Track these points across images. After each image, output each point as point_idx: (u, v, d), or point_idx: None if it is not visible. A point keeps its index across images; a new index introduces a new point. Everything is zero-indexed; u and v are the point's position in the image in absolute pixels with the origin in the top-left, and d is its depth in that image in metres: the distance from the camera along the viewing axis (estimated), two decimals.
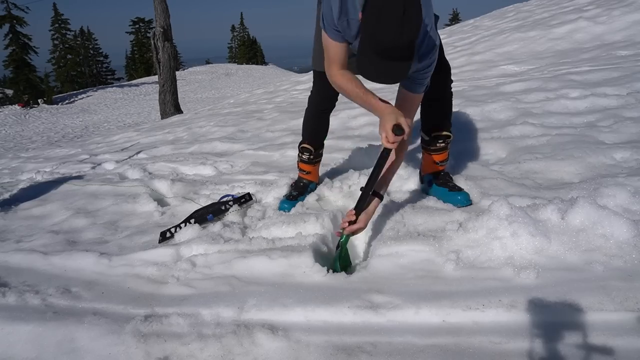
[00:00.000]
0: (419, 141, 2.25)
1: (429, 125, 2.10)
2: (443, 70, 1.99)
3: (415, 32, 1.34)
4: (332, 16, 1.59)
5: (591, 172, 2.15)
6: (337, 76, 1.75)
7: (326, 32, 1.67)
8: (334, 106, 2.27)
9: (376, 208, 1.77)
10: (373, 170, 1.68)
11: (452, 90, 2.11)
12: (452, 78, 2.10)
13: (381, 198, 1.76)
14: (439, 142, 2.09)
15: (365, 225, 1.72)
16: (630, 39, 5.91)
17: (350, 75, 1.75)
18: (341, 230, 1.69)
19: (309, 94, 2.30)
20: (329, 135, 2.41)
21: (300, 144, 2.38)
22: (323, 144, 2.41)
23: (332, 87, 1.90)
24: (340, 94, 1.99)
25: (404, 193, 2.23)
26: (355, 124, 4.18)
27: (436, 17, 1.72)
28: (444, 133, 2.08)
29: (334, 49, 1.70)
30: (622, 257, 1.41)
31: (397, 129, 1.56)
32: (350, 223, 1.67)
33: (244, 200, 2.38)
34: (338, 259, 1.70)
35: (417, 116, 2.04)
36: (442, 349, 1.20)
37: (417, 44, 1.48)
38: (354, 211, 1.68)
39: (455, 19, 50.17)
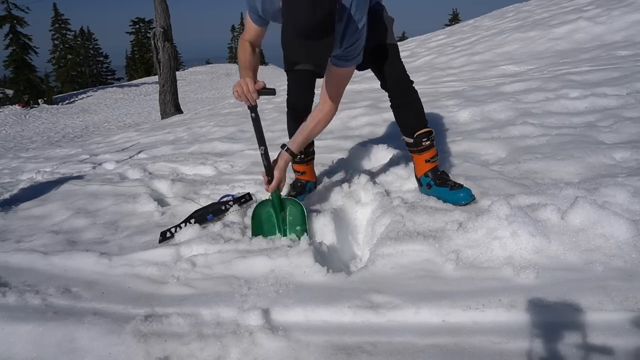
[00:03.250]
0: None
1: (408, 128, 2.16)
2: (400, 75, 2.11)
3: (327, 9, 1.43)
4: (255, 6, 1.78)
5: (591, 172, 2.15)
6: (243, 45, 1.97)
7: (249, 16, 1.87)
8: (312, 102, 2.29)
9: (287, 162, 2.04)
10: (255, 130, 2.03)
11: (448, 89, 2.15)
12: (452, 78, 2.12)
13: (292, 155, 2.04)
14: (424, 141, 2.13)
15: (282, 178, 2.00)
16: (630, 39, 5.91)
17: (248, 48, 1.96)
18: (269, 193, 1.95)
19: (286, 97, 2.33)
20: (329, 135, 2.41)
21: None
22: (312, 142, 2.42)
23: (305, 85, 2.23)
24: (317, 93, 2.19)
25: (403, 193, 2.23)
26: (355, 124, 4.18)
27: (390, 19, 2.01)
28: (425, 130, 2.12)
29: (251, 29, 1.93)
30: (622, 257, 1.41)
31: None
32: (269, 183, 1.97)
33: (244, 200, 2.38)
34: (277, 223, 1.98)
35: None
36: (442, 349, 1.20)
37: (341, 27, 1.66)
38: (264, 173, 2.00)
39: (455, 19, 50.17)
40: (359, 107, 4.72)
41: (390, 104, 2.23)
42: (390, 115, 4.05)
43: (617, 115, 2.94)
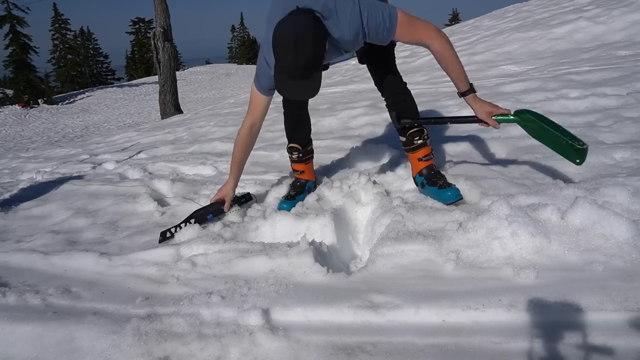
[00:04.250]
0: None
1: (401, 127, 2.20)
2: (393, 76, 2.19)
3: (308, 55, 1.60)
4: (266, 76, 1.89)
5: (591, 172, 2.15)
6: (243, 133, 2.10)
7: (259, 90, 1.98)
8: (307, 101, 2.32)
9: (479, 100, 1.98)
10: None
11: (448, 89, 2.18)
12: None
13: (471, 92, 1.96)
14: (416, 140, 2.16)
15: (491, 112, 1.97)
16: (630, 39, 5.91)
17: (248, 140, 2.13)
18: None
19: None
20: (329, 135, 2.41)
21: (287, 145, 2.41)
22: (310, 140, 2.44)
23: (298, 115, 2.31)
24: (321, 90, 2.28)
25: (403, 193, 2.23)
26: (355, 124, 4.19)
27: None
28: (416, 129, 2.15)
29: (259, 104, 2.03)
30: (622, 257, 1.41)
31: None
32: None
33: (244, 200, 2.38)
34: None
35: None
36: (442, 349, 1.20)
37: (359, 32, 1.76)
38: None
39: (455, 19, 50.17)
40: (359, 107, 4.72)
41: (384, 103, 2.26)
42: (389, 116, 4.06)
43: (617, 115, 2.94)
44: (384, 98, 2.27)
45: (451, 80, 1.96)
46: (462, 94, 1.95)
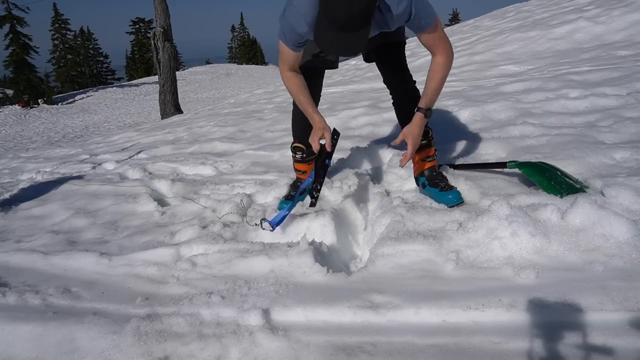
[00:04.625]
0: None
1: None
2: (400, 77, 2.17)
3: (363, 5, 1.48)
4: (295, 33, 1.78)
5: (591, 172, 2.15)
6: (288, 77, 1.99)
7: (287, 45, 1.87)
8: (319, 100, 2.30)
9: (422, 122, 1.91)
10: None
11: (448, 89, 2.16)
12: (452, 78, 2.13)
13: (427, 112, 1.90)
14: (421, 140, 2.11)
15: (415, 140, 1.89)
16: (630, 39, 5.91)
17: (298, 80, 2.00)
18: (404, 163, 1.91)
19: None
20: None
21: (292, 143, 2.40)
22: None
23: (314, 83, 2.15)
24: (322, 91, 2.25)
25: (404, 193, 2.23)
26: (355, 124, 4.18)
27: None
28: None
29: (291, 57, 1.93)
30: (622, 257, 1.41)
31: (323, 139, 1.96)
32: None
33: (336, 137, 2.08)
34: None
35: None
36: (442, 349, 1.20)
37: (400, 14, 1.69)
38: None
39: (455, 19, 50.17)
40: (359, 107, 4.72)
41: (392, 101, 2.24)
42: (390, 115, 4.06)
43: (617, 115, 2.94)
44: (391, 96, 2.24)
45: (424, 90, 1.94)
46: (418, 109, 1.92)
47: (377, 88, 6.26)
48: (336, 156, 3.07)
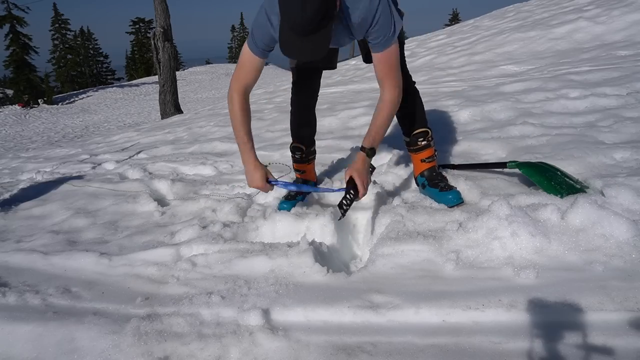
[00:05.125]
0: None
1: (406, 127, 2.19)
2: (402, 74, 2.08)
3: (316, 7, 1.45)
4: (266, 35, 1.73)
5: (591, 172, 2.15)
6: (236, 101, 1.88)
7: (249, 49, 1.80)
8: (316, 100, 2.30)
9: (366, 162, 1.82)
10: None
11: (448, 89, 2.15)
12: (452, 78, 2.12)
13: (369, 152, 1.82)
14: (420, 141, 2.14)
15: (366, 180, 1.80)
16: (630, 39, 5.91)
17: (244, 109, 1.90)
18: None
19: (290, 95, 2.32)
20: (328, 135, 2.41)
21: (291, 144, 2.40)
22: (314, 141, 2.43)
23: (310, 79, 2.16)
24: (320, 89, 2.21)
25: (403, 193, 2.23)
26: (355, 124, 4.18)
27: (401, 13, 1.85)
28: (421, 130, 2.14)
29: (251, 67, 1.84)
30: (622, 257, 1.41)
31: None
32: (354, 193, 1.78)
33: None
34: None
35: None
36: (442, 349, 1.20)
37: (358, 21, 1.66)
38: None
39: (455, 19, 50.17)
40: (359, 107, 4.72)
41: None
42: None
43: (617, 115, 2.93)
44: None
45: (368, 128, 1.86)
46: (362, 148, 1.84)
47: (377, 88, 6.23)
48: (336, 156, 3.08)
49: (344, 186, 1.84)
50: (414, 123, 2.15)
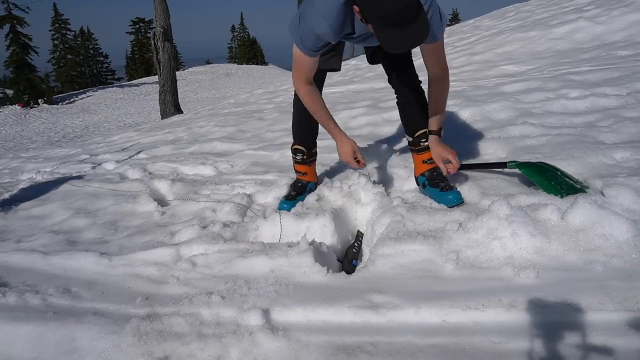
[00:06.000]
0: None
1: (410, 127, 2.20)
2: (408, 74, 2.16)
3: None
4: (313, 36, 1.75)
5: (591, 172, 2.15)
6: (306, 92, 1.98)
7: (303, 52, 1.84)
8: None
9: (439, 142, 2.04)
10: None
11: (449, 89, 2.14)
12: (452, 78, 2.13)
13: (438, 133, 2.05)
14: (423, 142, 2.15)
15: (452, 154, 1.99)
16: (630, 39, 5.91)
17: (316, 96, 2.00)
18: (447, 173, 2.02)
19: (293, 96, 2.32)
20: (329, 135, 2.40)
21: (292, 145, 2.40)
22: (315, 143, 2.42)
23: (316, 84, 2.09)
24: (323, 93, 2.20)
25: (403, 193, 2.23)
26: (355, 124, 4.18)
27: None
28: (424, 131, 2.14)
29: (307, 65, 1.90)
30: (622, 257, 1.41)
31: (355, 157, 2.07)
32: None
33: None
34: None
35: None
36: (442, 349, 1.20)
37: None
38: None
39: (455, 19, 50.18)
40: (359, 107, 4.72)
41: (396, 100, 2.23)
42: (390, 115, 4.07)
43: (617, 115, 2.93)
44: (396, 96, 2.24)
45: (431, 112, 2.05)
46: (432, 131, 2.05)
47: (377, 88, 6.26)
48: (336, 156, 3.07)
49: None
50: (417, 123, 2.15)
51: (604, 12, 7.01)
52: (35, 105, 25.94)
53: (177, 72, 14.08)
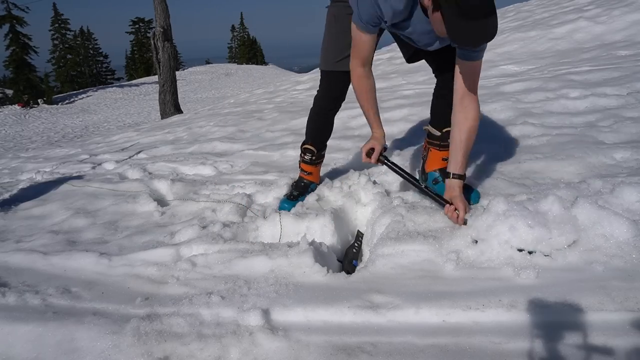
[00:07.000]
0: (416, 139, 2.24)
1: (440, 120, 2.05)
2: (446, 73, 1.98)
3: None
4: (371, 13, 1.67)
5: (591, 172, 2.15)
6: (359, 76, 1.91)
7: (360, 28, 1.76)
8: (340, 107, 2.27)
9: (461, 187, 1.83)
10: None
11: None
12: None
13: (462, 177, 1.84)
14: (449, 139, 1.98)
15: (463, 202, 1.76)
16: (630, 39, 5.91)
17: (368, 83, 1.94)
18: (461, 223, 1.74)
19: (315, 93, 2.30)
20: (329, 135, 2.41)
21: (303, 144, 2.38)
22: (326, 145, 2.41)
23: (338, 88, 2.14)
24: (346, 96, 2.18)
25: (403, 193, 2.23)
26: (355, 124, 4.18)
27: None
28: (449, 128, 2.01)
29: (364, 43, 1.81)
30: (622, 257, 1.41)
31: (369, 152, 1.97)
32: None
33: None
34: None
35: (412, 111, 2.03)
36: (442, 349, 1.20)
37: None
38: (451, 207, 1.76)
39: None
40: (359, 107, 4.72)
41: (434, 88, 2.14)
42: (390, 115, 4.06)
43: (617, 115, 2.93)
44: (436, 85, 2.14)
45: (455, 154, 1.84)
46: (454, 175, 1.83)
47: (377, 88, 6.25)
48: (336, 156, 3.08)
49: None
50: (449, 119, 1.98)
51: (604, 12, 7.01)
52: (35, 105, 25.92)
53: (177, 72, 14.08)
